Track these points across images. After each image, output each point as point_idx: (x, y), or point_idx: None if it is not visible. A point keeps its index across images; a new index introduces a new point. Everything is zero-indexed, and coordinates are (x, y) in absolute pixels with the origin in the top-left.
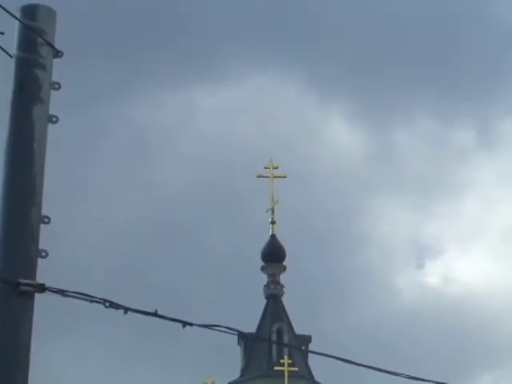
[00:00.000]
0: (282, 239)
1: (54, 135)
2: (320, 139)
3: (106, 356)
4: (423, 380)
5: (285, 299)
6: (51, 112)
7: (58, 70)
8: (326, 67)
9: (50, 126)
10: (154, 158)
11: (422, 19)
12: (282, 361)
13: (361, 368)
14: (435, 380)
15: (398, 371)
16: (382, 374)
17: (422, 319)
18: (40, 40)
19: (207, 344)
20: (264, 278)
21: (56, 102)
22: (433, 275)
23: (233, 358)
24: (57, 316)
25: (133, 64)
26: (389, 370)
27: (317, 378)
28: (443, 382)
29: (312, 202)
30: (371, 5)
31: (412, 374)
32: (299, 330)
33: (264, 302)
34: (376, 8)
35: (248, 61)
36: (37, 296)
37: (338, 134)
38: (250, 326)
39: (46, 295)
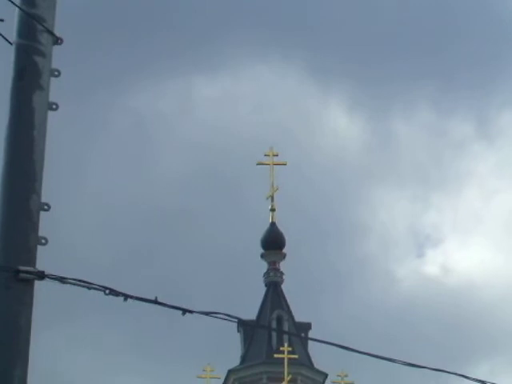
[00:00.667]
0: (282, 227)
1: (54, 122)
2: (320, 128)
3: (105, 344)
4: (419, 367)
5: (284, 287)
6: (51, 99)
7: (58, 57)
8: (325, 56)
9: (50, 113)
10: (154, 145)
11: (422, 10)
12: (281, 348)
13: (360, 355)
14: (431, 367)
15: (396, 358)
16: (380, 360)
17: (421, 308)
18: (40, 27)
19: (207, 331)
20: (264, 266)
21: (56, 89)
22: (432, 265)
23: (232, 346)
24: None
25: (132, 53)
26: (387, 356)
27: (316, 366)
28: (440, 368)
29: (312, 190)
30: None
31: (410, 362)
32: (299, 317)
33: (264, 289)
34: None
35: (247, 50)
36: (36, 283)
37: (338, 124)
38: (250, 314)
39: (46, 282)
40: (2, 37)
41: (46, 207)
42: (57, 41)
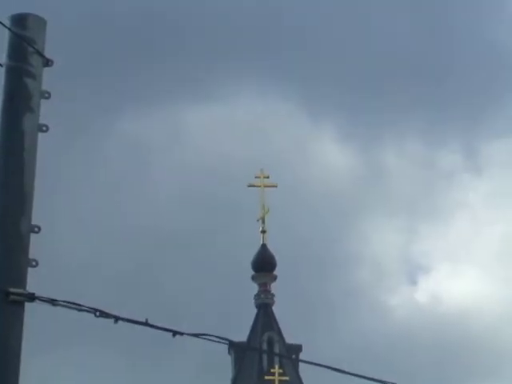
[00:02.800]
0: (273, 248)
1: (45, 144)
2: (310, 158)
3: (95, 366)
4: None
5: (275, 308)
6: (41, 121)
7: (48, 79)
8: (318, 87)
9: (40, 135)
10: (145, 168)
11: (413, 42)
12: (272, 370)
13: (352, 377)
14: None
15: (389, 381)
16: (372, 383)
17: (413, 335)
18: (30, 49)
19: (197, 353)
20: (255, 288)
21: (46, 111)
22: (424, 294)
23: (223, 368)
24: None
25: (126, 80)
26: (379, 379)
27: None
28: None
29: (303, 212)
30: (363, 26)
31: None
32: (290, 339)
33: (255, 311)
34: (368, 29)
35: (240, 79)
36: (27, 305)
37: (329, 154)
38: (241, 335)
39: (36, 304)
40: None
41: (36, 229)
42: (47, 63)
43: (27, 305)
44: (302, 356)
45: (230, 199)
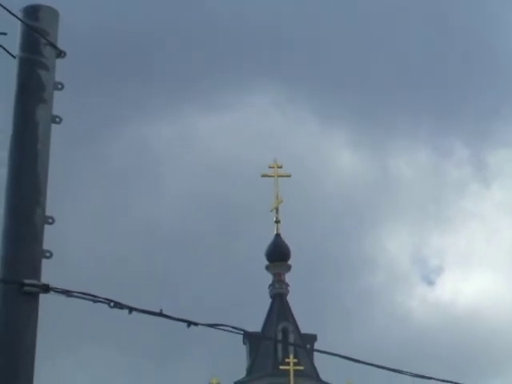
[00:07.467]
0: (287, 238)
1: (58, 136)
2: (323, 157)
3: (110, 355)
4: (426, 378)
5: (290, 298)
6: (54, 112)
7: (61, 70)
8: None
9: (54, 127)
10: (159, 164)
11: (422, 51)
12: (287, 360)
13: (366, 366)
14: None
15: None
16: (387, 372)
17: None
18: (43, 40)
19: (213, 344)
20: (269, 277)
21: (59, 103)
22: (437, 295)
23: (238, 358)
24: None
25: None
26: (394, 368)
27: (322, 377)
28: (446, 379)
29: (316, 201)
30: (375, 33)
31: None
32: (304, 329)
33: (269, 301)
34: (381, 36)
35: (249, 87)
36: (41, 297)
37: (341, 158)
38: (256, 326)
39: (51, 295)
40: (5, 50)
41: (50, 220)
42: (60, 54)
43: (42, 296)
44: (316, 346)
45: (244, 191)
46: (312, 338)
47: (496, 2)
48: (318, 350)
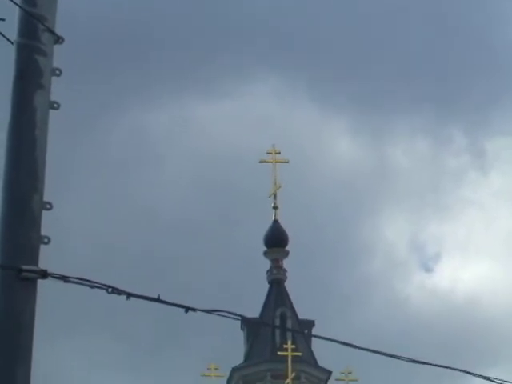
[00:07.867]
0: (285, 224)
1: (56, 122)
2: (322, 144)
3: (107, 340)
4: (423, 363)
5: (288, 284)
6: (52, 98)
7: (59, 56)
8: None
9: (52, 112)
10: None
11: (424, 40)
12: (285, 346)
13: (364, 352)
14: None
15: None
16: (384, 358)
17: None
18: (41, 26)
19: (210, 329)
20: (267, 263)
21: (57, 88)
22: (435, 282)
23: (236, 344)
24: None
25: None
26: (391, 353)
27: (320, 363)
28: (443, 365)
29: (315, 188)
30: (375, 24)
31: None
32: (302, 314)
33: (267, 287)
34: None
35: (249, 75)
36: (39, 282)
37: (339, 145)
38: (254, 311)
39: (49, 281)
40: (3, 36)
41: (48, 206)
42: (58, 40)
43: (39, 282)
44: (314, 332)
45: (242, 177)
46: (310, 324)
47: (496, 2)
48: (316, 336)
